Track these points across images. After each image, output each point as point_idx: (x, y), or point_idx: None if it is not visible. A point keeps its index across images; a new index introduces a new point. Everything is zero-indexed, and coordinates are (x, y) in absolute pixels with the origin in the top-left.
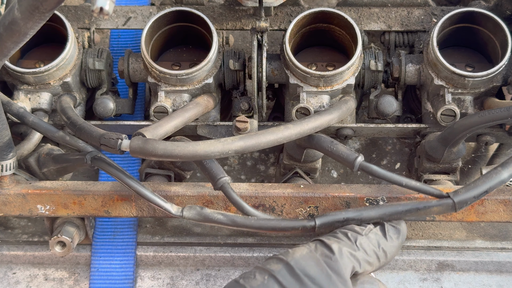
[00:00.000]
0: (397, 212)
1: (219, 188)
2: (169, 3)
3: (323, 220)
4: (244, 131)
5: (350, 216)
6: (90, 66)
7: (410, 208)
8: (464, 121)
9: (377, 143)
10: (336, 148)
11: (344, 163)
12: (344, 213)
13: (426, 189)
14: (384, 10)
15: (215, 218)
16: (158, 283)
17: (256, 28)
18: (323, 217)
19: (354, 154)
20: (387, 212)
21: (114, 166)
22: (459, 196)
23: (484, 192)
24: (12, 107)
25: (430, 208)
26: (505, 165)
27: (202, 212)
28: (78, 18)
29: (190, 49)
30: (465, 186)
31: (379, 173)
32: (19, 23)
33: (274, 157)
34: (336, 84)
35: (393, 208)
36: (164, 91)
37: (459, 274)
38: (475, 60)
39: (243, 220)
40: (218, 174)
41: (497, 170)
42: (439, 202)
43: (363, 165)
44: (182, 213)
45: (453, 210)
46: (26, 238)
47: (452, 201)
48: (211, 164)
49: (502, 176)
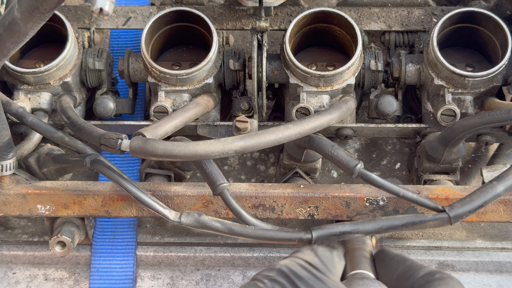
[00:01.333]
0: (394, 226)
1: (218, 194)
2: (169, 3)
3: (319, 233)
4: (244, 131)
5: (347, 229)
6: (90, 66)
7: (407, 222)
8: (464, 122)
9: (377, 143)
10: (337, 153)
11: (343, 169)
12: (341, 227)
13: (422, 202)
14: (384, 10)
15: (212, 225)
16: (158, 283)
17: (256, 28)
18: (320, 230)
19: (354, 161)
20: (383, 226)
21: (113, 170)
22: (454, 210)
23: (479, 206)
24: (11, 106)
25: (426, 222)
26: (500, 179)
27: (199, 219)
28: (78, 18)
29: (190, 49)
30: (461, 201)
31: (377, 182)
32: (19, 23)
33: (274, 157)
34: (336, 84)
35: (390, 222)
36: (164, 91)
37: (459, 274)
38: (475, 60)
39: (240, 229)
40: (218, 180)
41: (492, 184)
42: (435, 216)
43: (362, 172)
44: (179, 219)
45: (448, 224)
46: (26, 238)
47: (447, 216)
48: (211, 168)
49: (497, 190)
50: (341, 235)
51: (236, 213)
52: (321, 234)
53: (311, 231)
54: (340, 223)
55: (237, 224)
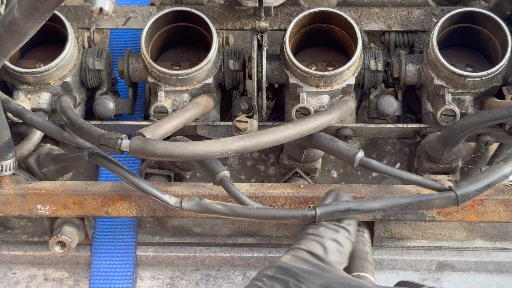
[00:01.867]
0: (399, 204)
1: (218, 182)
2: (169, 3)
3: (324, 209)
4: (244, 131)
5: (352, 206)
6: (90, 66)
7: (412, 200)
8: (464, 121)
9: (377, 143)
10: (336, 145)
11: (344, 160)
12: (345, 204)
13: (427, 183)
14: (384, 10)
15: (214, 208)
16: (158, 283)
17: (256, 28)
18: (324, 207)
19: (354, 149)
20: (388, 204)
21: (112, 161)
22: (461, 189)
23: (487, 186)
24: (10, 104)
25: (432, 201)
26: (508, 160)
27: (201, 203)
28: (78, 18)
29: (190, 49)
30: (468, 180)
31: (380, 168)
32: (19, 23)
33: (274, 157)
34: (336, 84)
35: (395, 200)
36: (164, 91)
37: (459, 274)
38: (475, 60)
39: (242, 210)
40: (216, 168)
41: (499, 164)
42: (442, 195)
43: (364, 160)
44: (180, 204)
45: (455, 204)
46: (26, 238)
47: (454, 194)
48: (209, 159)
49: (504, 170)
50: (346, 212)
51: (238, 199)
52: (325, 211)
53: (315, 208)
54: (345, 200)
55: (239, 205)
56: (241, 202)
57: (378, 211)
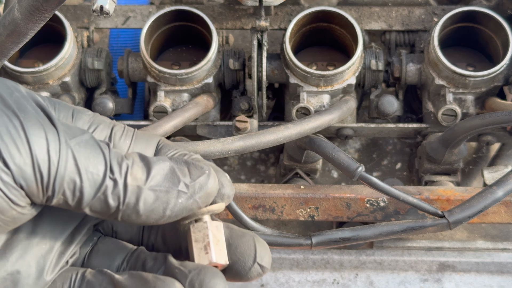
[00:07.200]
0: (393, 232)
1: None
2: (168, 2)
3: (319, 239)
4: (244, 131)
5: (347, 235)
6: (89, 66)
7: (406, 227)
8: (465, 124)
9: (378, 143)
10: (337, 156)
11: (344, 172)
12: (340, 233)
13: (422, 206)
14: (384, 9)
15: None
16: None
17: (256, 28)
18: (320, 236)
19: (355, 164)
20: (383, 232)
21: None
22: (454, 216)
23: (479, 211)
24: None
25: (425, 228)
26: (500, 183)
27: None
28: (77, 17)
29: (190, 49)
30: (460, 206)
31: (378, 186)
32: (19, 23)
33: (274, 157)
34: (336, 83)
35: (390, 227)
36: (164, 90)
37: (460, 274)
38: (476, 60)
39: None
40: None
41: (492, 189)
42: (434, 222)
43: (363, 176)
44: None
45: (447, 229)
46: None
47: (447, 221)
48: None
49: (496, 195)
50: (341, 241)
51: (236, 216)
52: (321, 240)
53: (311, 237)
54: (340, 229)
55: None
56: (239, 219)
57: (373, 238)
